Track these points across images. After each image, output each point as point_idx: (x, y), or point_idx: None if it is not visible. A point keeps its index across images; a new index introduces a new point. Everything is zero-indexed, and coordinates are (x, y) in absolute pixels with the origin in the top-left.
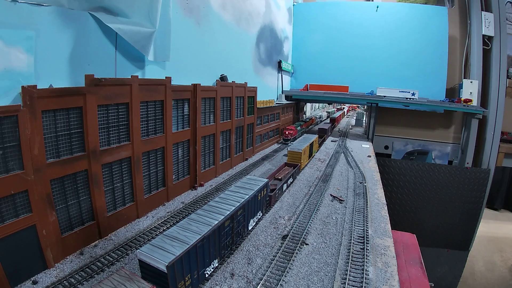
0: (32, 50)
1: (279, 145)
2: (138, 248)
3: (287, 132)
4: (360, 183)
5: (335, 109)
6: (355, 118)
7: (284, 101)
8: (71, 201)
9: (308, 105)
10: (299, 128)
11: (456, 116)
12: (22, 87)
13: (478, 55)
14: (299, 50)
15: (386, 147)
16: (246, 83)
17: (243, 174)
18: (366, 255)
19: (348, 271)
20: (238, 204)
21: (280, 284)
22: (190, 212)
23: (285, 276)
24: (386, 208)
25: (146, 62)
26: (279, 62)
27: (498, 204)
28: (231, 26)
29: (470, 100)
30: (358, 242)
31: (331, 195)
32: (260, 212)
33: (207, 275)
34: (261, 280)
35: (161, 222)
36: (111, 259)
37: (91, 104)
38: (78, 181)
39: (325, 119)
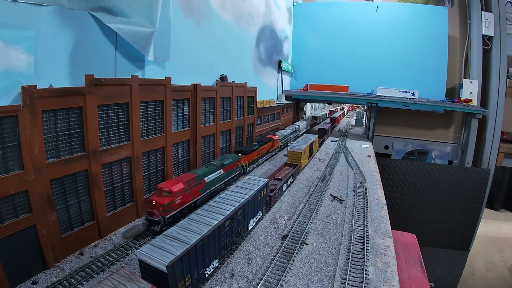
0: (32, 50)
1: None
2: (138, 248)
3: (154, 202)
4: (360, 183)
5: (327, 112)
6: (355, 118)
7: (284, 101)
8: (71, 201)
9: (308, 105)
10: (218, 174)
11: (456, 116)
12: (22, 87)
13: (478, 55)
14: (299, 50)
15: (386, 147)
16: (246, 83)
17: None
18: (366, 255)
19: (348, 271)
20: (238, 204)
21: (280, 284)
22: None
23: (285, 276)
24: (386, 208)
25: (146, 62)
26: (279, 62)
27: (498, 204)
28: (231, 26)
29: (470, 100)
30: (358, 242)
31: (331, 195)
32: (260, 212)
33: (207, 275)
34: (261, 280)
35: None
36: (111, 259)
37: (91, 104)
38: (78, 181)
39: (303, 132)
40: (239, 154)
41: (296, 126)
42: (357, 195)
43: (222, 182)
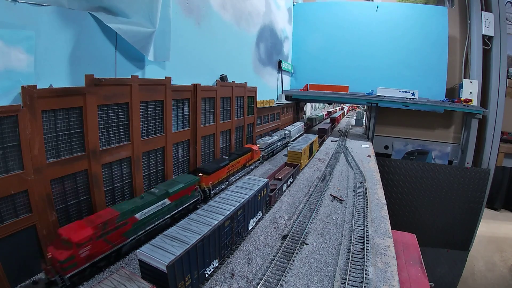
0: (32, 50)
1: None
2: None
3: (49, 254)
4: (360, 183)
5: (325, 113)
6: (355, 118)
7: (284, 101)
8: (71, 201)
9: (308, 105)
10: (160, 206)
11: (456, 116)
12: (22, 87)
13: (478, 55)
14: (299, 50)
15: (386, 147)
16: (246, 83)
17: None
18: (366, 255)
19: (348, 271)
20: (238, 204)
21: (280, 284)
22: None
23: (285, 276)
24: (386, 208)
25: (146, 62)
26: (279, 62)
27: (498, 204)
28: (231, 26)
29: (470, 100)
30: (358, 242)
31: (331, 195)
32: (260, 212)
33: (207, 275)
34: (261, 280)
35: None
36: (111, 259)
37: (91, 104)
38: (78, 181)
39: (296, 137)
40: (200, 174)
41: (286, 132)
42: (357, 195)
43: (169, 216)
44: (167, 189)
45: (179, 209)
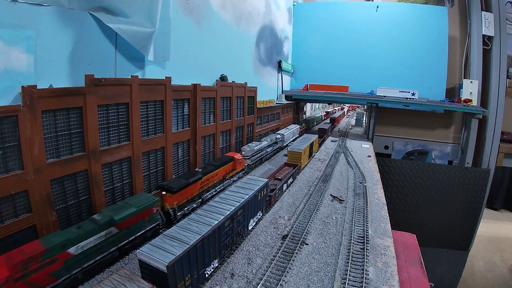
0: (32, 50)
1: None
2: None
3: None
4: (360, 183)
5: (323, 113)
6: (355, 118)
7: (284, 101)
8: (71, 201)
9: (308, 105)
10: (104, 237)
11: (456, 116)
12: (22, 87)
13: (478, 55)
14: (299, 50)
15: (386, 147)
16: (246, 83)
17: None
18: (366, 255)
19: (348, 271)
20: (238, 204)
21: (280, 284)
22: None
23: (285, 276)
24: (386, 208)
25: (146, 62)
26: (279, 62)
27: (498, 204)
28: (231, 26)
29: (470, 100)
30: (358, 242)
31: (331, 195)
32: (260, 212)
33: (207, 275)
34: (261, 280)
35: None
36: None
37: (91, 104)
38: (78, 181)
39: (290, 142)
40: (163, 192)
41: (278, 136)
42: (357, 195)
43: (116, 248)
44: (112, 216)
45: (132, 238)
